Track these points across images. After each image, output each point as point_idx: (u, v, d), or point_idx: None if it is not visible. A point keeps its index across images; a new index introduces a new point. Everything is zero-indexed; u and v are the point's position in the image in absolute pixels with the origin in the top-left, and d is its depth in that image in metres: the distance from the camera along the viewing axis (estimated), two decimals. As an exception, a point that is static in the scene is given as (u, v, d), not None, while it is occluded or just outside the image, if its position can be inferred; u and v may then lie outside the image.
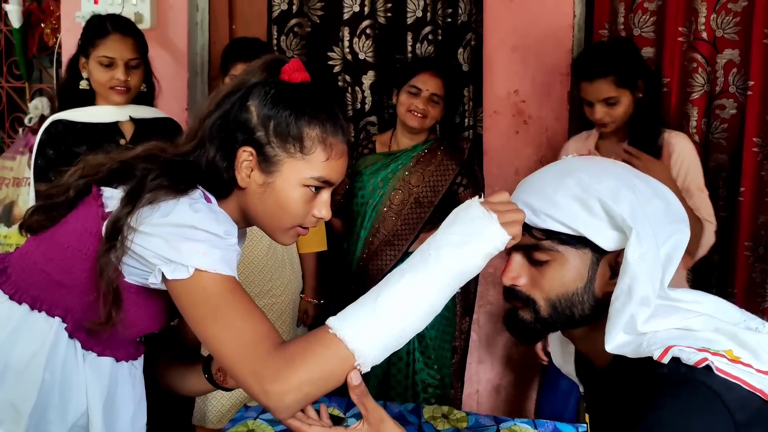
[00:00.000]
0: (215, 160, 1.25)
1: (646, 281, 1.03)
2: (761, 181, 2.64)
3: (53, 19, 3.39)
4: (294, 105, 1.24)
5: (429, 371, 2.72)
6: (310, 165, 1.25)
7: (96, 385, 1.33)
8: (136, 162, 1.26)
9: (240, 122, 1.25)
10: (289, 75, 1.27)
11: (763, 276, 2.65)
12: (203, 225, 1.16)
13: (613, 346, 1.05)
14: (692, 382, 0.95)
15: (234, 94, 1.27)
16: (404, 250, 2.70)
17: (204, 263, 1.14)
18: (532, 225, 1.10)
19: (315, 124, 1.25)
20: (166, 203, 1.17)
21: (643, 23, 2.73)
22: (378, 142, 2.81)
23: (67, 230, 1.27)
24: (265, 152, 1.24)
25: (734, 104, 2.66)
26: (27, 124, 3.41)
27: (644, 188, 1.09)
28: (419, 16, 2.90)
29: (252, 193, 1.27)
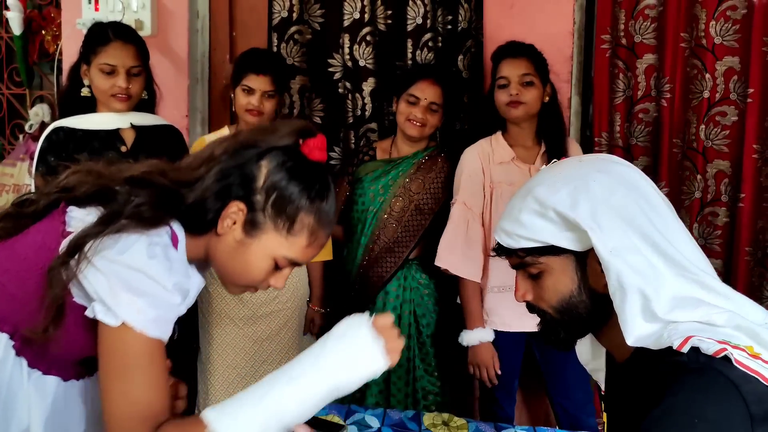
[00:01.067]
0: (207, 200, 1.25)
1: (631, 273, 1.07)
2: (760, 187, 2.65)
3: (54, 26, 3.40)
4: (303, 186, 1.26)
5: (429, 378, 2.71)
6: (290, 246, 1.27)
7: (39, 403, 1.32)
8: (121, 184, 1.26)
9: (246, 177, 1.25)
10: (309, 150, 1.29)
11: (761, 279, 2.66)
12: (152, 274, 1.15)
13: (633, 338, 1.07)
14: (710, 370, 0.97)
15: (252, 147, 1.27)
16: (404, 256, 2.70)
17: (134, 320, 1.14)
18: (511, 247, 1.20)
19: (312, 212, 1.27)
20: (128, 238, 1.16)
21: (644, 30, 2.73)
22: (378, 149, 2.80)
23: (27, 242, 1.26)
24: (255, 216, 1.25)
25: (735, 111, 2.67)
26: (27, 130, 3.41)
27: (605, 181, 1.14)
28: (419, 23, 2.90)
29: (224, 244, 1.28)
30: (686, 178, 2.74)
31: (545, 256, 1.17)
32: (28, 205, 1.30)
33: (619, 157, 2.67)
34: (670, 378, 0.98)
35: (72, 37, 2.96)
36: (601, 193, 1.12)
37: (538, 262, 1.18)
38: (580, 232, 1.11)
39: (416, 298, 2.71)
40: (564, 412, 2.59)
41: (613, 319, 1.14)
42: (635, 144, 2.79)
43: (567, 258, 1.16)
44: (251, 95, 2.59)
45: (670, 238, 1.10)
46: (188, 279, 1.25)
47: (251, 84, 2.58)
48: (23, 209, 1.30)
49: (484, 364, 2.52)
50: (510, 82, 2.50)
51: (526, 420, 2.95)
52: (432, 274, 2.74)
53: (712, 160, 2.71)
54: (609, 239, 1.08)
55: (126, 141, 2.39)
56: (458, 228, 2.53)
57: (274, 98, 2.63)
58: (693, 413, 0.94)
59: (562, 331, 1.21)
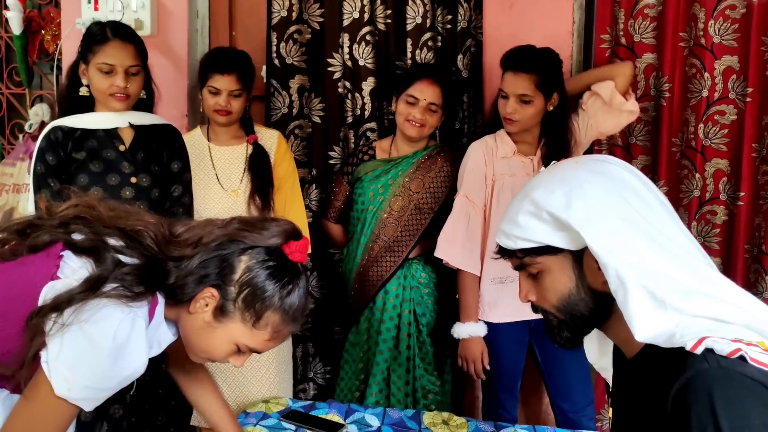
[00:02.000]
0: (187, 281, 1.35)
1: (630, 268, 1.08)
2: (758, 186, 2.66)
3: (54, 25, 3.39)
4: (274, 288, 1.36)
5: (429, 377, 2.71)
6: (252, 337, 1.38)
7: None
8: (114, 245, 1.33)
9: (225, 268, 1.35)
10: (291, 252, 1.39)
11: (757, 275, 2.67)
12: (105, 359, 1.23)
13: (644, 335, 1.08)
14: (734, 375, 0.98)
15: (239, 242, 1.37)
16: (404, 256, 2.70)
17: (61, 393, 1.23)
18: (509, 248, 1.23)
19: (279, 313, 1.37)
20: (103, 310, 1.24)
21: (644, 29, 2.74)
22: (378, 149, 2.81)
23: (18, 273, 1.33)
24: (225, 305, 1.36)
25: (734, 110, 2.67)
26: (27, 130, 3.41)
27: (600, 181, 1.16)
28: (419, 23, 2.90)
29: (193, 321, 1.39)
30: (685, 176, 2.74)
31: (542, 256, 1.20)
32: (29, 234, 1.37)
33: (619, 156, 2.71)
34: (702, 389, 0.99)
35: (71, 37, 2.96)
36: (595, 194, 1.14)
37: (536, 262, 1.21)
38: (573, 232, 1.13)
39: (416, 297, 2.71)
40: (563, 414, 2.59)
41: (617, 315, 1.15)
42: (634, 143, 2.80)
43: (564, 257, 1.18)
44: (218, 95, 2.60)
45: (667, 233, 1.12)
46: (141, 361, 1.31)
47: (217, 84, 2.59)
48: (24, 237, 1.37)
49: (472, 358, 2.53)
50: (508, 96, 2.48)
51: (524, 418, 2.95)
52: (432, 273, 2.75)
53: (711, 158, 2.72)
54: (603, 237, 1.10)
55: (124, 140, 2.39)
56: (459, 220, 2.53)
57: (241, 97, 2.63)
58: (740, 426, 0.95)
59: (565, 330, 1.24)
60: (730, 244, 2.72)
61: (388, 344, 2.69)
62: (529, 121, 2.50)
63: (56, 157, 2.31)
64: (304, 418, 2.00)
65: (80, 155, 2.32)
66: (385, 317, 2.70)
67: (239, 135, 2.73)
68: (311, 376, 3.12)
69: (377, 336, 2.70)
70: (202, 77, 2.65)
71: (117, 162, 2.35)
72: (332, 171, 3.00)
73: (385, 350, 2.69)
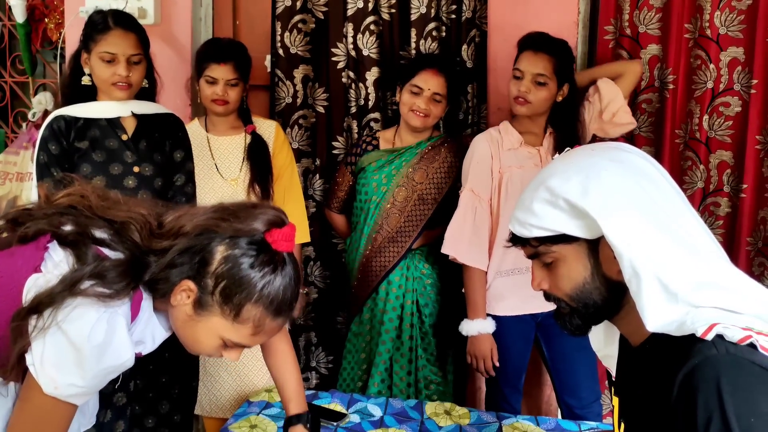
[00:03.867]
0: (165, 274, 1.31)
1: (645, 258, 1.08)
2: (762, 178, 2.66)
3: (57, 14, 3.39)
4: (254, 280, 1.29)
5: (432, 368, 2.72)
6: (235, 332, 1.32)
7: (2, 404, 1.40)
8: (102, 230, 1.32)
9: (201, 260, 1.30)
10: (273, 240, 1.31)
11: (761, 268, 2.68)
12: (85, 357, 1.22)
13: (655, 325, 1.08)
14: (743, 362, 0.98)
15: (217, 231, 1.31)
16: (407, 246, 2.70)
17: (50, 392, 1.24)
18: (524, 236, 1.21)
19: (259, 306, 1.30)
20: (80, 309, 1.23)
21: (649, 20, 2.72)
22: (382, 139, 2.80)
23: (7, 262, 1.32)
24: (204, 298, 1.30)
25: (739, 102, 2.67)
26: (30, 119, 3.41)
27: (617, 170, 1.15)
28: (423, 13, 2.89)
29: (177, 314, 1.35)
30: (689, 168, 2.74)
31: (558, 244, 1.18)
32: (22, 224, 1.35)
33: (623, 147, 2.69)
34: (711, 376, 0.99)
35: (75, 25, 2.95)
36: (612, 182, 1.12)
37: (551, 251, 1.19)
38: (590, 220, 1.12)
39: (419, 287, 2.72)
40: (569, 410, 2.58)
41: (629, 305, 1.15)
42: (638, 134, 2.79)
43: (579, 246, 1.17)
44: (215, 85, 2.61)
45: (682, 224, 1.11)
46: (124, 356, 1.29)
47: (213, 74, 2.60)
48: (16, 226, 1.36)
49: (482, 356, 2.51)
50: (523, 76, 2.47)
51: (525, 409, 2.95)
52: (435, 264, 2.75)
53: (715, 150, 2.71)
54: (620, 227, 1.09)
55: (127, 129, 2.38)
56: (466, 215, 2.52)
57: (237, 86, 2.64)
58: (746, 413, 0.95)
59: (576, 318, 1.23)
60: (733, 236, 2.71)
61: (391, 335, 2.69)
62: (541, 105, 2.49)
63: (59, 146, 2.31)
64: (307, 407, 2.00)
65: (83, 144, 2.32)
66: (387, 308, 2.70)
67: (237, 125, 2.74)
68: (314, 366, 3.13)
69: (380, 326, 2.71)
70: (199, 67, 2.66)
71: (120, 151, 2.35)
72: (336, 161, 3.00)
73: (388, 341, 2.69)
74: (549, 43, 2.50)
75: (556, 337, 2.55)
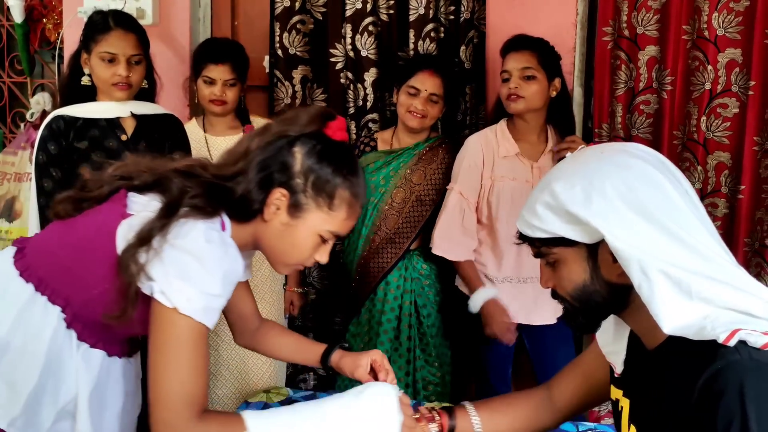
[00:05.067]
0: (251, 192, 1.36)
1: (652, 260, 1.07)
2: (760, 179, 2.66)
3: (55, 14, 3.39)
4: (336, 165, 1.38)
5: (430, 368, 2.72)
6: (332, 220, 1.39)
7: (86, 374, 1.40)
8: (174, 176, 1.36)
9: (283, 165, 1.36)
10: (333, 132, 1.40)
11: (758, 269, 2.68)
12: (206, 261, 1.25)
13: (672, 327, 1.07)
14: (767, 368, 0.98)
15: (282, 138, 1.38)
16: (405, 248, 2.70)
17: (185, 307, 1.24)
18: (528, 236, 1.23)
19: (347, 187, 1.39)
20: (187, 223, 1.27)
21: (647, 21, 2.73)
22: (380, 140, 2.80)
23: (87, 221, 1.36)
24: (297, 199, 1.37)
25: (736, 103, 2.67)
26: (29, 119, 3.41)
27: (622, 177, 1.14)
28: (422, 14, 2.89)
29: (272, 229, 1.39)
30: (686, 169, 2.74)
31: (558, 247, 1.19)
32: (90, 190, 1.41)
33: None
34: (735, 378, 0.98)
35: (73, 26, 2.95)
36: (616, 191, 1.12)
37: (552, 252, 1.21)
38: (590, 227, 1.12)
39: (417, 288, 2.72)
40: None
41: (635, 304, 1.15)
42: (636, 135, 2.79)
43: (579, 249, 1.18)
44: (213, 85, 2.61)
45: (690, 231, 1.10)
46: (239, 263, 1.35)
47: (211, 74, 2.60)
48: (85, 192, 1.41)
49: (500, 323, 2.47)
50: (511, 75, 2.49)
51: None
52: (433, 264, 2.75)
53: (713, 151, 2.71)
54: (624, 234, 1.09)
55: (126, 130, 2.39)
56: (454, 216, 2.55)
57: (235, 86, 2.65)
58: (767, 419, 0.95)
59: (581, 317, 1.24)
60: (731, 237, 2.71)
61: (389, 335, 2.70)
62: (534, 100, 2.49)
63: (58, 146, 2.31)
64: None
65: (82, 144, 2.32)
66: (386, 308, 2.70)
67: (235, 125, 2.74)
68: (312, 367, 3.13)
69: (378, 327, 2.71)
70: (196, 68, 2.67)
71: (119, 151, 2.35)
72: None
73: (386, 341, 2.69)
74: (528, 40, 2.54)
75: (536, 332, 2.56)
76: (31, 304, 1.36)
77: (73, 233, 1.36)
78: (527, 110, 2.51)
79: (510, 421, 1.56)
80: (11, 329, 1.35)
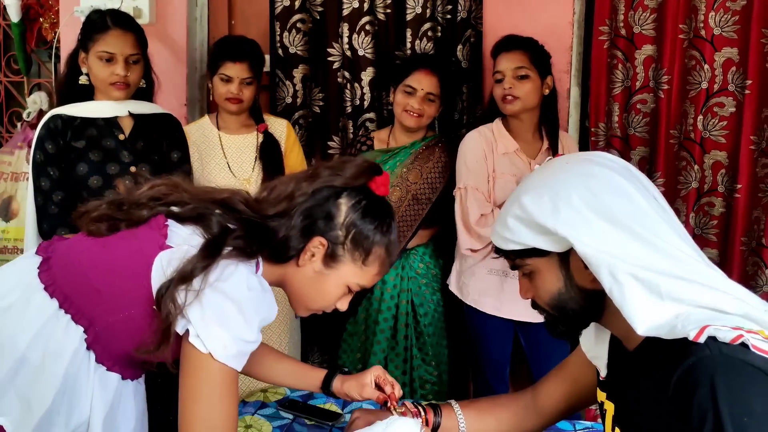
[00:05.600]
0: (292, 238, 1.36)
1: (621, 264, 1.09)
2: (756, 178, 2.67)
3: (52, 13, 3.38)
4: (376, 223, 1.39)
5: (427, 367, 2.72)
6: (363, 275, 1.42)
7: (101, 397, 1.38)
8: (214, 208, 1.35)
9: (327, 215, 1.37)
10: (377, 187, 1.42)
11: (755, 268, 2.68)
12: (247, 308, 1.25)
13: (645, 328, 1.08)
14: (735, 362, 0.99)
15: (329, 188, 1.39)
16: (402, 246, 2.70)
17: (219, 354, 1.23)
18: (501, 248, 1.26)
19: (383, 245, 1.41)
20: (229, 266, 1.26)
21: (644, 21, 2.73)
22: (376, 139, 2.81)
23: (123, 244, 1.34)
24: (335, 250, 1.38)
25: (733, 102, 2.68)
26: (25, 118, 3.40)
27: (587, 185, 1.16)
28: (419, 13, 2.90)
29: (303, 274, 1.40)
30: (683, 168, 2.75)
31: (531, 258, 1.22)
32: (127, 211, 1.38)
33: (617, 147, 2.72)
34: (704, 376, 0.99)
35: (70, 25, 2.94)
36: (581, 199, 1.14)
37: (526, 264, 1.24)
38: (558, 236, 1.15)
39: (414, 287, 2.72)
40: None
41: (610, 309, 1.16)
42: (633, 134, 2.80)
43: (551, 259, 1.21)
44: (229, 83, 2.60)
45: (659, 233, 1.12)
46: (274, 309, 1.35)
47: (228, 72, 2.59)
48: (122, 213, 1.38)
49: None
50: (504, 76, 2.50)
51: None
52: (430, 263, 2.75)
53: (710, 150, 2.72)
54: (591, 239, 1.11)
55: (124, 129, 2.39)
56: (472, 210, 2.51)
57: (252, 85, 2.64)
58: (740, 412, 0.96)
59: (561, 325, 1.26)
60: (727, 236, 2.72)
61: (386, 334, 2.70)
62: (528, 99, 2.50)
63: (55, 145, 2.31)
64: (302, 407, 2.00)
65: (80, 144, 2.32)
66: (383, 307, 2.70)
67: (249, 123, 2.74)
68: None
69: (375, 326, 2.71)
70: (213, 65, 2.65)
71: (116, 151, 2.35)
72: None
73: (383, 340, 2.70)
74: (519, 40, 2.55)
75: (532, 329, 2.56)
76: (54, 321, 1.32)
77: (106, 255, 1.33)
78: (522, 110, 2.52)
79: (495, 423, 1.59)
80: (31, 344, 1.31)
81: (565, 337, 1.29)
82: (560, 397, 1.54)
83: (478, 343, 2.62)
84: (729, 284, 1.13)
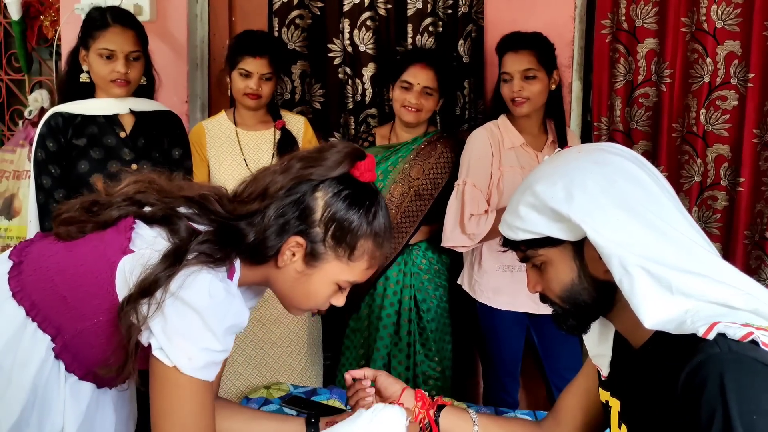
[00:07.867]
0: (267, 239, 1.27)
1: (633, 255, 1.08)
2: (759, 171, 2.66)
3: (52, 11, 3.38)
4: (359, 213, 1.29)
5: (430, 363, 2.72)
6: (351, 271, 1.32)
7: (74, 407, 1.32)
8: (185, 211, 1.28)
9: (303, 212, 1.28)
10: (361, 173, 1.31)
11: (758, 261, 2.68)
12: (209, 317, 1.17)
13: (653, 321, 1.07)
14: (746, 360, 0.98)
15: (307, 181, 1.29)
16: (404, 242, 2.70)
17: (185, 366, 1.17)
18: (512, 239, 1.23)
19: (370, 236, 1.30)
20: (191, 273, 1.18)
21: (645, 14, 2.72)
22: (378, 135, 2.80)
23: (87, 248, 1.27)
24: (315, 249, 1.28)
25: (735, 95, 2.67)
26: (27, 116, 3.40)
27: (601, 172, 1.15)
28: (420, 8, 2.89)
29: (285, 275, 1.32)
30: (686, 162, 2.74)
31: (544, 247, 1.20)
32: (98, 212, 1.31)
33: (619, 141, 2.70)
34: (713, 373, 0.99)
35: (70, 22, 2.94)
36: (596, 186, 1.13)
37: (538, 254, 1.21)
38: (573, 224, 1.13)
39: (417, 283, 2.72)
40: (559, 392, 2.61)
41: (621, 303, 1.15)
42: (635, 128, 2.79)
43: (564, 248, 1.18)
44: (249, 79, 2.58)
45: (670, 222, 1.11)
46: (243, 316, 1.26)
47: (248, 67, 2.57)
48: (91, 215, 1.31)
49: None
50: (512, 78, 2.49)
51: (525, 404, 2.96)
52: (433, 258, 2.75)
53: (712, 144, 2.71)
54: (605, 229, 1.10)
55: (125, 126, 2.38)
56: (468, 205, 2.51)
57: (271, 80, 2.62)
58: (749, 410, 0.95)
59: (571, 318, 1.24)
60: (730, 230, 2.72)
61: (389, 330, 2.70)
62: (538, 99, 2.50)
63: (57, 143, 2.31)
64: (306, 403, 2.00)
65: (81, 141, 2.32)
66: (385, 303, 2.70)
67: (266, 120, 2.72)
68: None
69: (378, 322, 2.71)
70: (232, 60, 2.62)
71: (118, 148, 2.35)
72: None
73: (386, 336, 2.69)
74: (526, 39, 2.52)
75: (546, 326, 2.56)
76: (21, 330, 1.26)
77: (72, 260, 1.26)
78: (532, 110, 2.52)
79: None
80: (1, 354, 1.25)
81: (572, 331, 1.27)
82: (576, 412, 1.51)
83: (491, 340, 2.61)
84: (740, 278, 1.11)
